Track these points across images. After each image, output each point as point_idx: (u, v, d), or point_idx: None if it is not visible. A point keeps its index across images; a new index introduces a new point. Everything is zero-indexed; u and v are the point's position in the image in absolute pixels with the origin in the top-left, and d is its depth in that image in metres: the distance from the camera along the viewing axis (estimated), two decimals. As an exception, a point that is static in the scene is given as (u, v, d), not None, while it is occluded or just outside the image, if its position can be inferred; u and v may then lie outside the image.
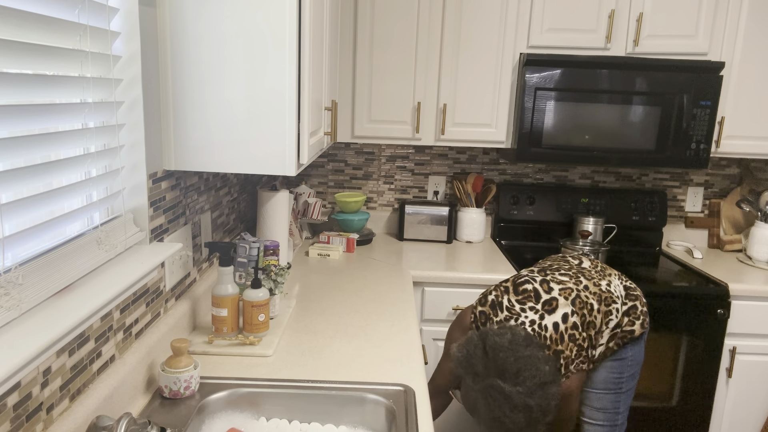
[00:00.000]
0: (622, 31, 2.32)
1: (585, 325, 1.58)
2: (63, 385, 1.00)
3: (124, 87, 1.24)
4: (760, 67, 2.33)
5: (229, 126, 1.39)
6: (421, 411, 1.25)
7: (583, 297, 1.60)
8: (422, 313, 2.25)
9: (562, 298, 1.58)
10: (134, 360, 1.22)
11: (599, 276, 1.68)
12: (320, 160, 2.80)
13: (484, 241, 2.74)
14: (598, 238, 2.61)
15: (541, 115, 2.32)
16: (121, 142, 1.26)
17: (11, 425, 0.87)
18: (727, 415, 2.35)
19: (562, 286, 1.62)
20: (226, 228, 2.00)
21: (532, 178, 2.82)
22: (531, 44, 2.34)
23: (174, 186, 1.47)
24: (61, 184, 1.05)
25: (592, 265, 1.74)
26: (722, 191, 2.81)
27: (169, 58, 1.36)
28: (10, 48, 0.85)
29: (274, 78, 1.36)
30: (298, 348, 1.53)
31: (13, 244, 0.87)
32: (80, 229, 1.13)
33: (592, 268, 1.71)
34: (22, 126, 0.89)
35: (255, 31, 1.34)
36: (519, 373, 1.38)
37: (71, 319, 0.91)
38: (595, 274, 1.69)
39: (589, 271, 1.69)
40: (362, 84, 2.39)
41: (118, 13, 1.20)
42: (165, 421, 1.18)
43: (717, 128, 2.39)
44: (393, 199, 2.84)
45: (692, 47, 2.33)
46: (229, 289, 1.50)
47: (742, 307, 2.24)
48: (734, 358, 2.28)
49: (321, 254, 2.40)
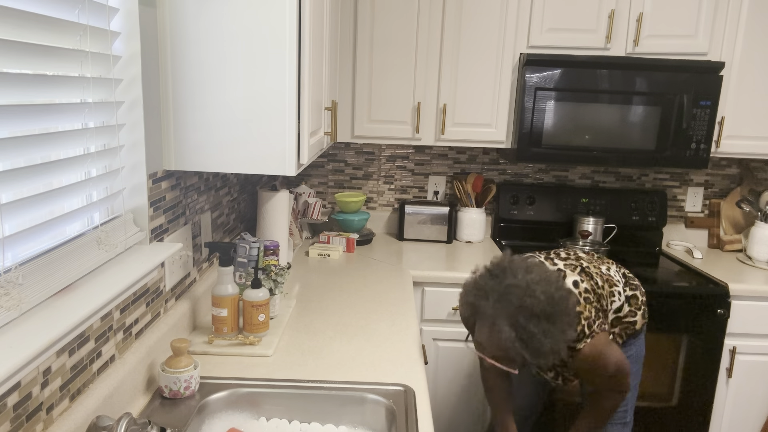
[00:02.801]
0: (622, 31, 2.32)
1: (595, 294, 1.56)
2: (63, 385, 1.00)
3: (124, 87, 1.24)
4: (760, 67, 2.33)
5: (229, 126, 1.39)
6: (421, 411, 1.25)
7: (587, 271, 1.60)
8: (422, 313, 2.25)
9: (568, 270, 1.58)
10: (134, 360, 1.22)
11: (598, 262, 1.69)
12: (320, 160, 2.80)
13: (484, 241, 2.74)
14: (598, 238, 2.61)
15: (541, 115, 2.32)
16: (121, 142, 1.26)
17: (11, 425, 0.87)
18: (727, 415, 2.35)
19: (566, 262, 1.63)
20: (226, 228, 2.00)
21: (532, 178, 2.82)
22: (531, 44, 2.34)
23: (174, 186, 1.47)
24: (61, 184, 1.05)
25: (588, 255, 1.74)
26: (722, 191, 2.81)
27: (169, 58, 1.36)
28: (10, 48, 0.85)
29: (274, 78, 1.36)
30: (298, 348, 1.53)
31: (13, 244, 0.87)
32: (80, 229, 1.13)
33: (589, 257, 1.73)
34: (22, 126, 0.89)
35: (255, 31, 1.34)
36: (529, 269, 1.38)
37: (71, 319, 0.91)
38: (594, 260, 1.70)
39: (587, 257, 1.71)
40: (362, 84, 2.39)
41: (118, 13, 1.20)
42: (165, 421, 1.18)
43: (717, 128, 2.39)
44: (393, 199, 2.84)
45: (692, 47, 2.33)
46: (229, 289, 1.50)
47: (742, 307, 2.24)
48: (734, 358, 2.28)
49: (321, 254, 2.40)
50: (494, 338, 1.36)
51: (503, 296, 1.36)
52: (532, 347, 1.34)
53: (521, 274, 1.38)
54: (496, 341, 1.36)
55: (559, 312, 1.35)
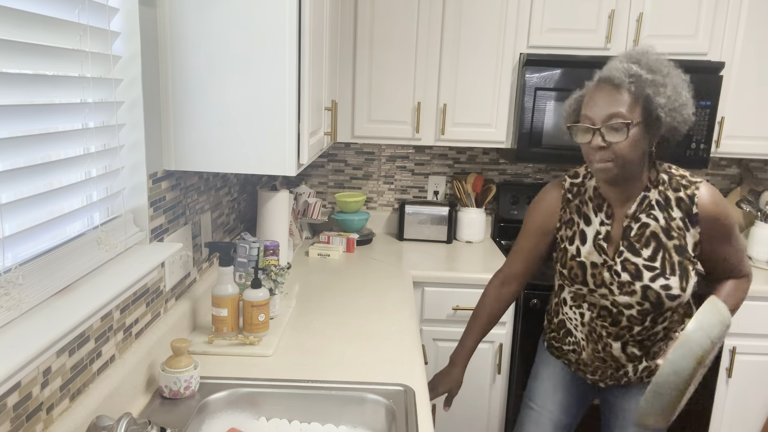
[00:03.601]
0: (622, 31, 2.32)
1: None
2: (63, 385, 1.00)
3: (124, 87, 1.24)
4: (760, 67, 2.33)
5: (229, 126, 1.39)
6: (421, 411, 1.25)
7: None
8: (422, 313, 2.25)
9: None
10: (134, 360, 1.22)
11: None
12: (320, 160, 2.80)
13: (484, 241, 2.74)
14: (598, 238, 2.61)
15: (541, 115, 2.32)
16: (121, 142, 1.26)
17: (11, 425, 0.87)
18: (727, 414, 2.35)
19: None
20: (226, 228, 2.00)
21: (532, 178, 2.82)
22: (531, 44, 2.34)
23: (174, 186, 1.47)
24: (61, 184, 1.05)
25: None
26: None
27: (169, 58, 1.36)
28: (10, 48, 0.85)
29: (274, 78, 1.36)
30: (298, 348, 1.53)
31: (13, 244, 0.87)
32: (80, 229, 1.13)
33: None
34: (22, 126, 0.89)
35: (255, 31, 1.34)
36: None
37: (71, 319, 0.91)
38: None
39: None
40: (362, 84, 2.39)
41: (118, 13, 1.20)
42: (165, 421, 1.18)
43: (717, 128, 2.39)
44: (393, 199, 2.84)
45: (692, 47, 2.33)
46: (229, 289, 1.50)
47: (742, 307, 2.24)
48: (734, 358, 2.28)
49: (321, 254, 2.40)
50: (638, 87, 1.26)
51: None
52: (670, 95, 1.25)
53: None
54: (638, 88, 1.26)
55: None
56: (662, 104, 1.25)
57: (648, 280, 1.36)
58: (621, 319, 1.42)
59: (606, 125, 1.27)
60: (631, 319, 1.41)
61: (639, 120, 1.27)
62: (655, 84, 1.26)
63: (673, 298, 1.37)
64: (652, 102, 1.26)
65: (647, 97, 1.26)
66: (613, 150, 1.28)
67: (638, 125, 1.27)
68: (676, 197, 1.36)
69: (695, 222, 1.35)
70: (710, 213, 1.34)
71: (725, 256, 1.40)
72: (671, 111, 1.27)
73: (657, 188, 1.38)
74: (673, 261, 1.36)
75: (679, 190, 1.36)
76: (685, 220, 1.36)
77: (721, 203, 1.35)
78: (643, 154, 1.32)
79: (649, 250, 1.37)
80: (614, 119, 1.26)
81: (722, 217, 1.35)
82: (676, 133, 1.32)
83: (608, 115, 1.27)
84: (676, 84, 1.28)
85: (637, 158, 1.30)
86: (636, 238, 1.38)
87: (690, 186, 1.36)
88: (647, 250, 1.37)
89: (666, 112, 1.26)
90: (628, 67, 1.27)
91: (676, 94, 1.27)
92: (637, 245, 1.38)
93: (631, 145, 1.27)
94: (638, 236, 1.38)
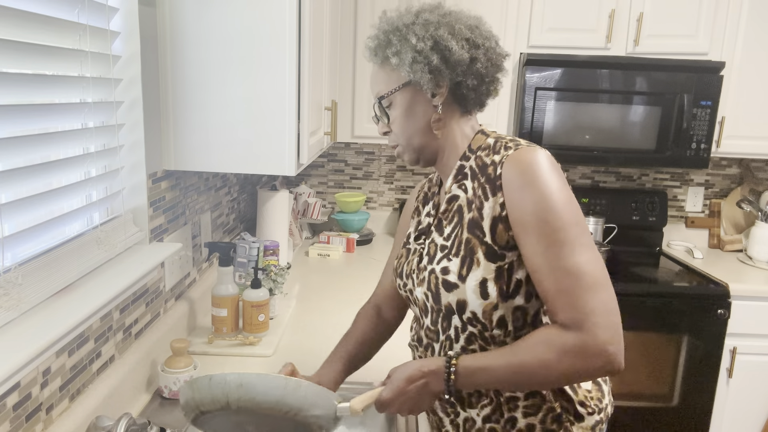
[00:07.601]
0: (623, 31, 2.32)
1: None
2: (63, 385, 1.00)
3: (123, 87, 1.24)
4: (760, 67, 2.33)
5: (228, 126, 1.38)
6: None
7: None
8: (422, 313, 2.25)
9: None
10: (134, 360, 1.22)
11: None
12: (320, 160, 2.80)
13: (484, 241, 2.73)
14: (599, 239, 2.61)
15: (541, 115, 2.32)
16: (121, 142, 1.26)
17: (11, 425, 0.86)
18: (727, 415, 2.35)
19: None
20: (226, 228, 2.00)
21: (533, 178, 2.81)
22: (531, 44, 2.34)
23: (174, 186, 1.47)
24: (60, 184, 1.05)
25: None
26: (722, 191, 2.81)
27: (169, 58, 1.36)
28: (10, 48, 0.85)
29: (274, 78, 1.36)
30: (298, 348, 1.53)
31: (13, 244, 0.87)
32: (80, 229, 1.13)
33: None
34: (22, 126, 0.89)
35: (255, 31, 1.34)
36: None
37: (71, 319, 0.91)
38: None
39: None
40: (362, 84, 2.39)
41: (117, 13, 1.20)
42: (165, 421, 1.18)
43: (717, 128, 2.39)
44: (393, 199, 2.84)
45: (693, 47, 2.32)
46: (229, 289, 1.50)
47: (743, 307, 2.24)
48: (734, 358, 2.28)
49: (321, 254, 2.40)
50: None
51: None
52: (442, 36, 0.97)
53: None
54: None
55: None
56: (417, 48, 0.97)
57: (435, 263, 1.02)
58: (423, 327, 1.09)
59: (377, 109, 1.08)
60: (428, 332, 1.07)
61: (396, 86, 1.02)
62: (398, 32, 0.99)
63: (450, 287, 0.98)
64: (401, 54, 0.99)
65: (396, 53, 0.99)
66: (394, 132, 1.06)
67: (399, 91, 1.02)
68: (491, 160, 0.99)
69: (497, 188, 0.95)
70: (513, 176, 0.93)
71: (533, 261, 0.91)
72: (430, 51, 0.97)
73: (476, 153, 1.03)
74: (462, 238, 0.99)
75: (498, 153, 0.98)
76: (486, 186, 0.97)
77: (539, 170, 0.91)
78: (426, 121, 1.03)
79: (450, 226, 1.03)
80: (376, 100, 1.06)
81: (530, 185, 0.91)
82: (469, 71, 0.99)
83: (375, 98, 1.07)
84: (427, 20, 0.99)
85: (422, 128, 1.03)
86: (444, 213, 1.05)
87: (512, 148, 0.97)
88: (450, 226, 1.03)
89: (424, 56, 0.97)
90: (369, 39, 1.05)
91: (427, 30, 0.98)
92: (444, 222, 1.05)
93: (403, 116, 1.03)
94: (446, 211, 1.05)
